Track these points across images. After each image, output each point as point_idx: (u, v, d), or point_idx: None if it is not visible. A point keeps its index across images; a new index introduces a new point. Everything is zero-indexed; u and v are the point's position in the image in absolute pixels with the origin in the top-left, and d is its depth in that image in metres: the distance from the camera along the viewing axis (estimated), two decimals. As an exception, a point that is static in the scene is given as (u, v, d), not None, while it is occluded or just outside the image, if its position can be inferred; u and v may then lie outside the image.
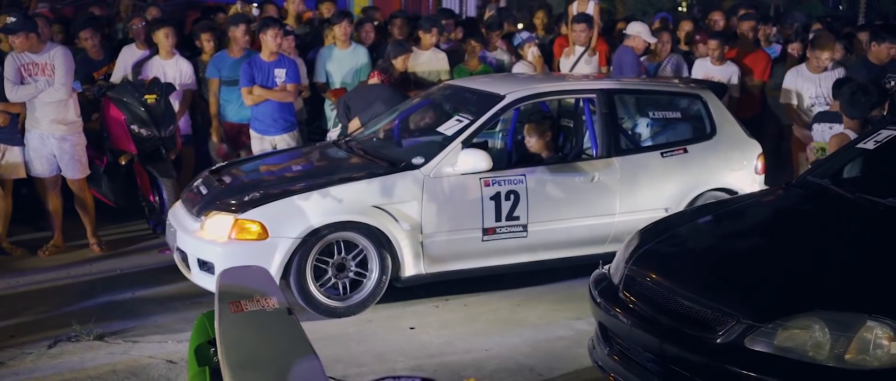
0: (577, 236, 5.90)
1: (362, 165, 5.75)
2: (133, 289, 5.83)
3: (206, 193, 5.67)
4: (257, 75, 6.97)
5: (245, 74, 6.99)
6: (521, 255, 5.80)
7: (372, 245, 5.38)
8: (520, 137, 6.80)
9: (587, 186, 5.87)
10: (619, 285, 4.16)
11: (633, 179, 6.01)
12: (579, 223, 5.88)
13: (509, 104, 5.88)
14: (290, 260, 5.19)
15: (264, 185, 5.62)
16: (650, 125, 6.44)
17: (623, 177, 5.96)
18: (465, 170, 5.53)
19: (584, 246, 5.96)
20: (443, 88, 6.78)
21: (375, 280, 5.41)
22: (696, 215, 4.56)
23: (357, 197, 5.36)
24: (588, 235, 5.93)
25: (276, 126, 7.08)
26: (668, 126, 6.44)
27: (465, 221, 5.57)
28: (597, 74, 8.06)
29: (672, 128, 6.45)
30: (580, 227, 5.88)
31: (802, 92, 7.17)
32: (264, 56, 7.03)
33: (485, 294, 5.79)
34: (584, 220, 5.89)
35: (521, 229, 5.70)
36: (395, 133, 6.56)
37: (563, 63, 8.33)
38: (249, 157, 6.71)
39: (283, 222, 5.20)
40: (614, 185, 5.94)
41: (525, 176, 5.69)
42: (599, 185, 5.89)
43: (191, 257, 5.38)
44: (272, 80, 7.00)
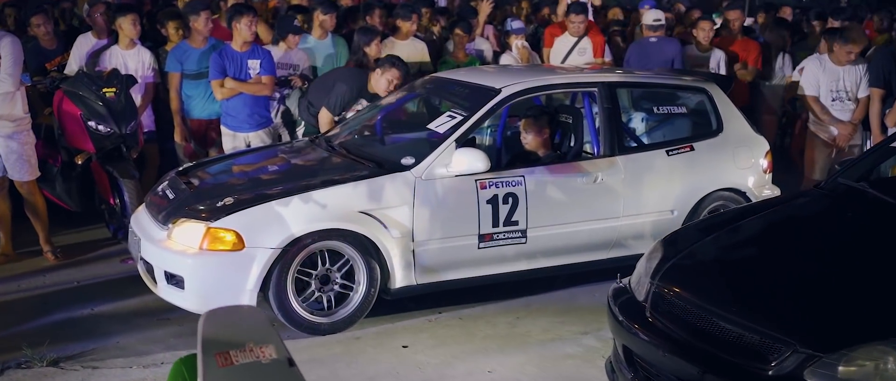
0: (579, 241, 5.46)
1: (346, 165, 5.24)
2: (92, 304, 5.26)
3: (173, 197, 5.12)
4: (229, 67, 6.42)
5: (215, 65, 6.43)
6: (519, 262, 5.34)
7: (359, 255, 4.88)
8: (509, 133, 6.34)
9: (589, 188, 5.42)
10: (644, 303, 3.71)
11: (637, 179, 5.58)
12: (581, 228, 5.43)
13: (506, 98, 5.40)
14: (268, 273, 4.67)
15: (238, 188, 5.09)
16: (654, 121, 6.02)
17: (627, 177, 5.52)
18: (460, 171, 5.05)
19: (586, 252, 5.53)
20: (428, 82, 6.28)
21: (363, 293, 4.91)
22: (724, 222, 4.13)
23: (342, 202, 4.86)
24: (590, 240, 5.49)
25: (251, 122, 6.54)
26: (673, 122, 6.02)
27: (460, 226, 5.09)
28: (593, 65, 7.63)
29: (677, 124, 6.03)
30: (582, 231, 5.44)
31: (822, 84, 6.74)
32: (236, 46, 6.48)
33: (480, 306, 5.32)
34: (586, 224, 5.44)
35: (519, 235, 5.24)
36: (379, 130, 6.05)
37: (554, 54, 7.88)
38: (220, 156, 6.16)
39: (261, 231, 4.67)
40: (618, 186, 5.50)
41: (524, 177, 5.23)
42: (602, 186, 5.45)
43: (157, 270, 4.83)
44: (245, 72, 6.45)
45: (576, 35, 7.74)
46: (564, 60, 7.74)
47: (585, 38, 7.75)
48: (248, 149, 6.29)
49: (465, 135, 5.23)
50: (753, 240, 3.86)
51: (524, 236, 5.25)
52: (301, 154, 5.72)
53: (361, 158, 5.32)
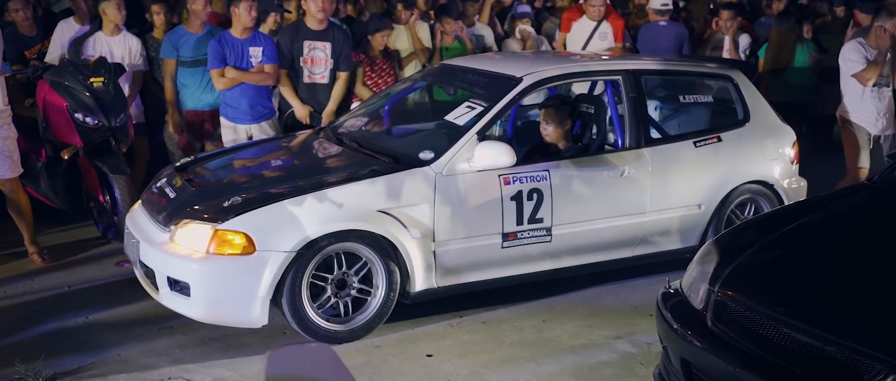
0: (605, 238, 5.16)
1: (360, 160, 4.89)
2: (86, 311, 4.87)
3: (173, 196, 4.75)
4: (229, 55, 6.02)
5: (214, 53, 6.03)
6: (544, 262, 5.03)
7: (377, 257, 4.54)
8: (520, 123, 6.02)
9: (616, 182, 5.12)
10: (704, 311, 3.42)
11: (665, 172, 5.28)
12: (607, 224, 5.13)
13: (528, 87, 5.07)
14: (282, 278, 4.32)
15: (246, 186, 4.72)
16: (680, 111, 5.72)
17: (654, 170, 5.23)
18: (483, 166, 4.72)
19: (612, 250, 5.24)
20: (438, 70, 5.94)
21: (382, 298, 4.58)
22: (782, 220, 3.84)
23: (359, 200, 4.51)
24: (616, 237, 5.20)
25: (253, 113, 6.16)
26: (699, 112, 5.73)
27: (484, 225, 4.77)
28: (614, 51, 7.32)
29: (703, 114, 5.74)
30: (608, 228, 5.14)
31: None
32: (236, 33, 6.09)
33: (502, 309, 5.01)
34: (612, 220, 5.15)
35: (544, 233, 4.93)
36: (386, 121, 5.71)
37: (572, 39, 7.56)
38: (220, 150, 5.75)
39: (273, 233, 4.32)
40: (645, 179, 5.20)
41: (549, 172, 4.91)
42: (629, 180, 5.15)
43: (159, 275, 4.47)
44: (247, 60, 6.07)
45: (595, 19, 7.43)
46: (586, 46, 7.42)
47: (605, 22, 7.43)
48: (251, 142, 5.91)
49: (487, 127, 4.90)
50: (821, 240, 3.57)
51: (549, 234, 4.94)
52: (308, 148, 5.36)
53: (375, 152, 4.97)
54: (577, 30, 7.61)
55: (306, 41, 6.28)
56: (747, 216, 5.67)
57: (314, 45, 6.31)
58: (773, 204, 5.69)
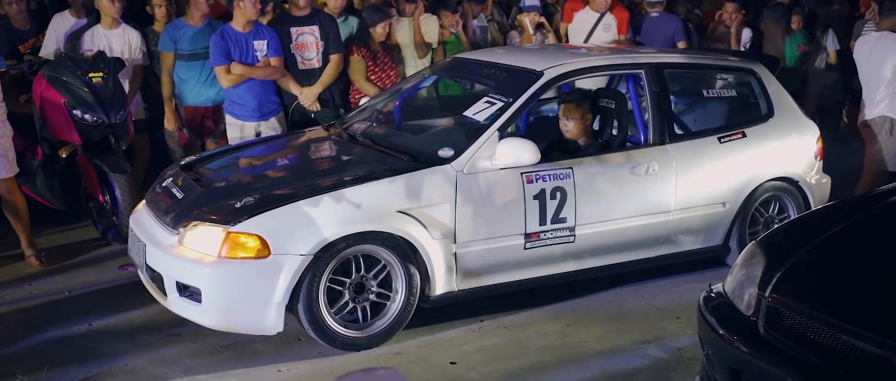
0: (629, 238, 4.98)
1: (375, 158, 4.68)
2: (89, 318, 4.65)
3: (181, 196, 4.52)
4: (234, 50, 5.80)
5: (217, 48, 5.80)
6: (567, 263, 4.84)
7: (397, 260, 4.33)
8: (532, 119, 5.83)
9: (640, 180, 4.93)
10: (753, 317, 3.23)
11: (689, 169, 5.10)
12: (631, 223, 4.95)
13: (550, 81, 4.87)
14: (298, 283, 4.11)
15: (258, 186, 4.50)
16: (703, 106, 5.53)
17: (679, 167, 5.05)
18: (506, 164, 4.52)
19: (635, 250, 5.06)
20: (451, 64, 5.73)
21: (402, 302, 4.37)
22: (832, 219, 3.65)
23: (379, 200, 4.30)
24: (640, 236, 5.01)
25: (262, 110, 5.95)
26: (722, 106, 5.55)
27: (506, 225, 4.57)
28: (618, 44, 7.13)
29: (727, 108, 5.55)
30: (632, 227, 4.96)
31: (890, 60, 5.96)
32: (238, 26, 5.86)
33: (523, 313, 4.81)
34: (636, 219, 4.96)
35: (568, 233, 4.74)
36: (399, 117, 5.50)
37: (575, 31, 7.37)
38: (226, 148, 5.52)
39: (289, 235, 4.11)
40: (670, 177, 5.02)
41: (572, 169, 4.71)
42: (654, 177, 4.97)
43: (167, 280, 4.25)
44: (252, 54, 5.84)
45: (599, 10, 7.24)
46: (588, 38, 7.23)
47: (609, 14, 7.25)
48: (257, 139, 5.68)
49: (508, 123, 4.70)
50: (878, 241, 3.38)
51: (573, 233, 4.75)
52: (320, 145, 5.15)
53: (391, 149, 4.77)
54: (580, 21, 7.43)
55: (292, 28, 6.08)
56: (772, 214, 5.51)
57: (301, 31, 6.11)
58: (798, 202, 5.52)
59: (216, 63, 5.83)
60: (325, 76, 6.14)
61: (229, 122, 6.04)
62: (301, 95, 6.08)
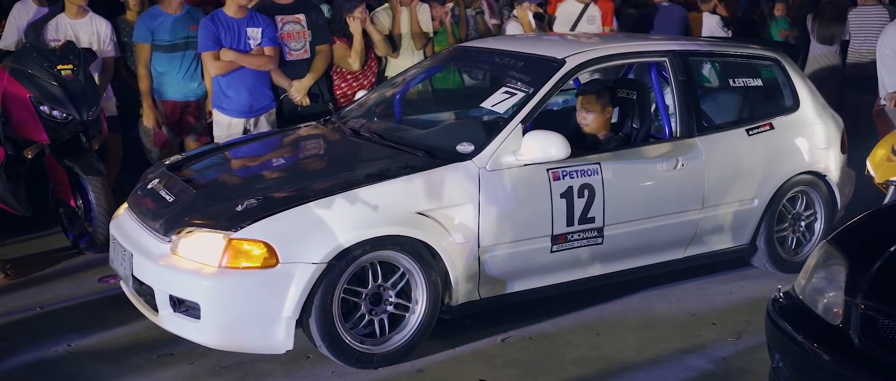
0: (658, 238, 4.62)
1: (387, 155, 4.24)
2: (67, 338, 4.13)
3: (171, 199, 4.04)
4: (225, 36, 5.31)
5: (207, 33, 5.31)
6: (594, 266, 4.46)
7: (418, 266, 3.90)
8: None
9: (670, 176, 4.57)
10: (846, 328, 2.88)
11: (719, 163, 4.76)
12: (661, 223, 4.58)
13: (573, 70, 4.49)
14: (311, 295, 3.66)
15: (260, 187, 4.04)
16: (729, 96, 5.19)
17: (708, 161, 4.70)
18: (532, 159, 4.12)
19: (662, 251, 4.70)
20: (457, 53, 5.32)
21: (423, 313, 3.94)
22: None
23: (396, 201, 3.87)
24: (669, 237, 4.66)
25: (254, 104, 5.47)
26: (748, 97, 5.21)
27: (532, 227, 4.18)
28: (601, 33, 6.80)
29: (753, 99, 5.22)
30: (662, 227, 4.59)
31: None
32: (230, 11, 5.38)
33: (548, 322, 4.41)
34: (665, 218, 4.60)
35: (596, 234, 4.36)
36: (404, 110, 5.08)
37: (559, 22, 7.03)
38: (214, 146, 5.01)
39: (299, 241, 3.66)
40: (700, 172, 4.67)
41: (600, 165, 4.33)
42: (684, 173, 4.61)
43: (159, 294, 3.77)
44: (245, 42, 5.36)
45: (583, 1, 6.90)
46: (573, 29, 6.89)
47: (593, 5, 6.92)
48: (248, 136, 5.19)
49: (531, 114, 4.29)
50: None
51: (601, 235, 4.37)
52: (320, 142, 4.71)
53: (403, 145, 4.34)
54: (564, 12, 7.14)
55: (277, 16, 5.62)
56: (798, 211, 5.20)
57: (287, 19, 5.67)
58: (826, 197, 5.22)
59: (205, 48, 5.34)
60: (316, 68, 5.70)
61: (217, 118, 5.55)
62: (291, 88, 5.62)
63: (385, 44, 6.11)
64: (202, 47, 5.31)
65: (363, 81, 6.00)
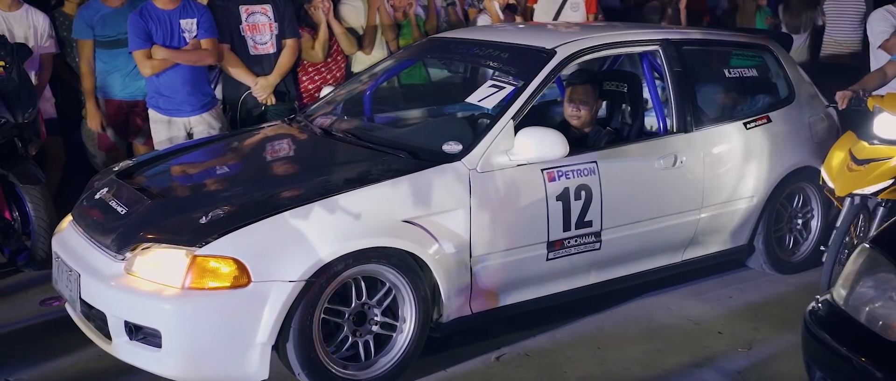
0: (656, 241, 4.30)
1: (366, 157, 3.83)
2: (7, 369, 3.63)
3: (124, 211, 3.57)
4: (156, 31, 4.83)
5: (136, 29, 4.83)
6: (591, 274, 4.12)
7: (405, 281, 3.50)
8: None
9: (669, 174, 4.25)
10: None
11: (718, 159, 4.46)
12: (660, 225, 4.26)
13: (564, 61, 4.12)
14: (288, 317, 3.24)
15: (225, 194, 3.59)
16: (725, 87, 4.88)
17: (707, 157, 4.39)
18: (526, 158, 3.75)
19: (660, 255, 4.37)
20: (433, 45, 4.93)
21: (412, 333, 3.55)
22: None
23: (381, 209, 3.47)
24: (667, 239, 4.35)
25: (192, 102, 4.98)
26: (744, 88, 4.91)
27: (527, 233, 3.81)
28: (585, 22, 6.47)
29: (749, 90, 4.93)
30: (660, 229, 4.27)
31: None
32: (161, 2, 4.89)
33: (544, 335, 4.06)
34: (664, 219, 4.27)
35: (593, 239, 4.01)
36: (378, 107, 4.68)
37: (539, 10, 6.68)
38: (168, 150, 4.50)
39: (273, 257, 3.23)
40: (699, 168, 4.35)
41: (597, 164, 3.98)
42: (683, 170, 4.29)
43: (112, 319, 3.31)
44: (179, 36, 4.89)
45: None
46: (556, 18, 6.54)
47: None
48: (209, 138, 4.69)
49: (523, 110, 3.91)
50: None
51: (598, 239, 4.02)
52: (289, 143, 4.27)
53: (382, 145, 3.93)
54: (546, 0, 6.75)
55: (242, 6, 5.17)
56: (795, 209, 4.93)
57: (252, 10, 5.21)
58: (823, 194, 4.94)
59: (135, 47, 4.85)
60: (282, 64, 5.25)
61: (154, 119, 5.05)
62: (255, 85, 5.16)
63: (348, 39, 5.69)
64: (132, 46, 4.82)
65: (327, 77, 5.56)
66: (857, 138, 4.29)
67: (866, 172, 4.11)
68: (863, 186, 4.12)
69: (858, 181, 4.13)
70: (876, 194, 4.14)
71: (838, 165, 4.25)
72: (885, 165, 4.08)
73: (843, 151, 4.29)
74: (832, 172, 4.27)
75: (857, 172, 4.15)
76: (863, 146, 4.20)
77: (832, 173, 4.26)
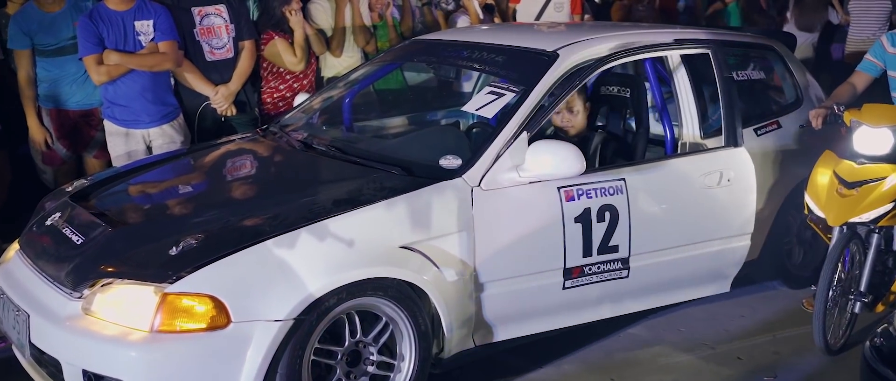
0: (700, 269, 3.91)
1: (354, 174, 3.43)
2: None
3: (79, 240, 3.12)
4: (108, 34, 4.38)
5: (86, 33, 4.37)
6: (618, 304, 3.73)
7: (404, 314, 3.11)
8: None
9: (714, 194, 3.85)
10: None
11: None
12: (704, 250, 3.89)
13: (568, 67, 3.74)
14: (274, 361, 2.83)
15: (198, 220, 3.15)
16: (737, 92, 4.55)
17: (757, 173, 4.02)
18: (540, 175, 3.35)
19: (707, 284, 4.00)
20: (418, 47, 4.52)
21: (412, 372, 3.16)
22: None
23: (376, 234, 3.07)
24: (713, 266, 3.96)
25: (150, 113, 4.53)
26: (752, 92, 4.59)
27: (540, 258, 3.42)
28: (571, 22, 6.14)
29: (755, 94, 4.61)
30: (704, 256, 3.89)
31: None
32: (113, 3, 4.43)
33: (551, 366, 3.69)
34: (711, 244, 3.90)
35: (619, 266, 3.61)
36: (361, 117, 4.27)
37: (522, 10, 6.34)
38: (128, 167, 4.00)
39: (256, 293, 2.82)
40: (750, 187, 3.99)
41: (625, 181, 3.59)
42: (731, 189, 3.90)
43: (68, 368, 2.87)
44: (133, 39, 4.43)
45: None
46: (539, 17, 6.21)
47: None
48: (173, 153, 4.22)
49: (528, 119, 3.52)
50: None
51: (626, 266, 3.63)
52: (265, 158, 3.85)
53: (371, 160, 3.52)
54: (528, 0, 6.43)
55: (194, 7, 4.74)
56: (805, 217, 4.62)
57: (206, 11, 4.79)
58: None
59: (86, 52, 4.39)
60: (242, 69, 4.83)
61: (110, 131, 4.59)
62: (214, 94, 4.73)
63: (319, 40, 5.27)
64: (82, 51, 4.37)
65: (302, 82, 5.14)
66: (838, 158, 3.87)
67: (861, 197, 3.67)
68: (859, 213, 3.67)
69: (853, 208, 3.67)
70: (875, 222, 3.71)
71: (826, 191, 3.79)
72: (880, 188, 3.65)
73: (827, 174, 3.85)
74: (820, 200, 3.80)
75: (851, 198, 3.69)
76: (849, 167, 3.76)
77: (820, 201, 3.80)
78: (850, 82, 4.20)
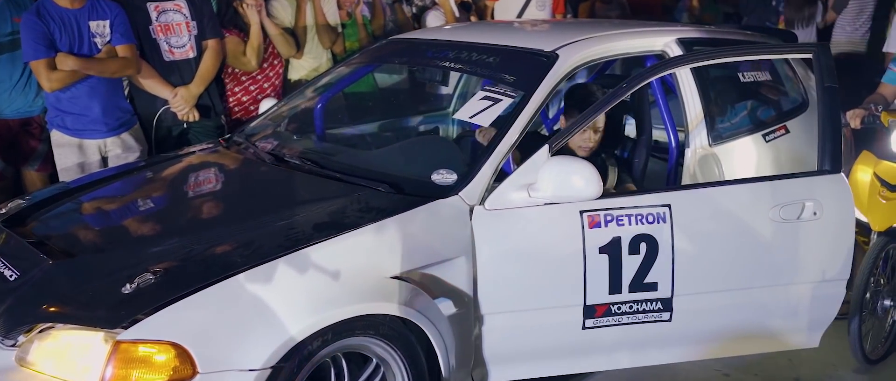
0: (770, 319, 3.34)
1: (335, 191, 3.00)
2: None
3: (13, 275, 2.65)
4: (60, 35, 3.91)
5: (34, 33, 3.90)
6: (656, 352, 3.22)
7: (397, 355, 2.71)
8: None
9: (792, 228, 3.24)
10: None
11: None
12: (785, 295, 3.33)
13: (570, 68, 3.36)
14: (248, 417, 2.40)
15: (155, 250, 2.69)
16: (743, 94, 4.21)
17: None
18: (557, 196, 2.90)
19: (786, 335, 3.38)
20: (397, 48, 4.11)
21: (406, 420, 2.76)
22: None
23: (364, 263, 2.66)
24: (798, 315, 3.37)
25: (106, 121, 4.09)
26: (759, 94, 4.26)
27: (554, 291, 2.98)
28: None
29: (761, 96, 4.28)
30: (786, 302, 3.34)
31: None
32: (64, 1, 3.96)
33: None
34: (796, 285, 3.31)
35: (659, 308, 3.12)
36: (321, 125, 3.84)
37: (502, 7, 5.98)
38: (72, 184, 3.49)
39: (227, 338, 2.39)
40: (847, 223, 3.31)
41: (670, 208, 3.10)
42: (816, 224, 3.25)
43: (0, 430, 2.41)
44: (88, 41, 3.97)
45: None
46: (521, 15, 5.85)
47: None
48: (123, 167, 3.71)
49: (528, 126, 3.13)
50: None
51: (668, 309, 3.13)
52: (231, 173, 3.40)
53: (353, 175, 3.10)
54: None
55: (151, 4, 4.31)
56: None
57: (163, 7, 4.35)
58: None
59: (35, 56, 3.91)
60: (205, 70, 4.40)
61: (59, 142, 4.13)
62: (174, 98, 4.27)
63: (285, 40, 4.83)
64: (29, 54, 3.89)
65: (264, 86, 4.71)
66: (877, 159, 3.68)
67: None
68: None
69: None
70: None
71: (868, 195, 3.55)
72: None
73: (868, 173, 3.64)
74: (862, 204, 3.55)
75: (894, 202, 3.53)
76: (891, 168, 3.58)
77: (862, 204, 3.56)
78: (880, 93, 3.94)
